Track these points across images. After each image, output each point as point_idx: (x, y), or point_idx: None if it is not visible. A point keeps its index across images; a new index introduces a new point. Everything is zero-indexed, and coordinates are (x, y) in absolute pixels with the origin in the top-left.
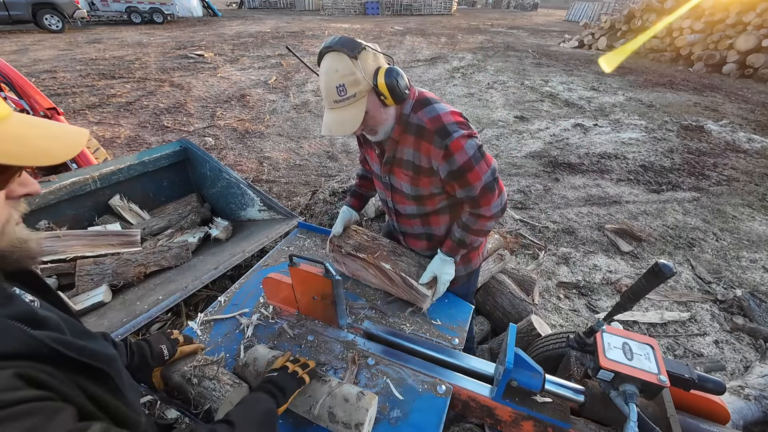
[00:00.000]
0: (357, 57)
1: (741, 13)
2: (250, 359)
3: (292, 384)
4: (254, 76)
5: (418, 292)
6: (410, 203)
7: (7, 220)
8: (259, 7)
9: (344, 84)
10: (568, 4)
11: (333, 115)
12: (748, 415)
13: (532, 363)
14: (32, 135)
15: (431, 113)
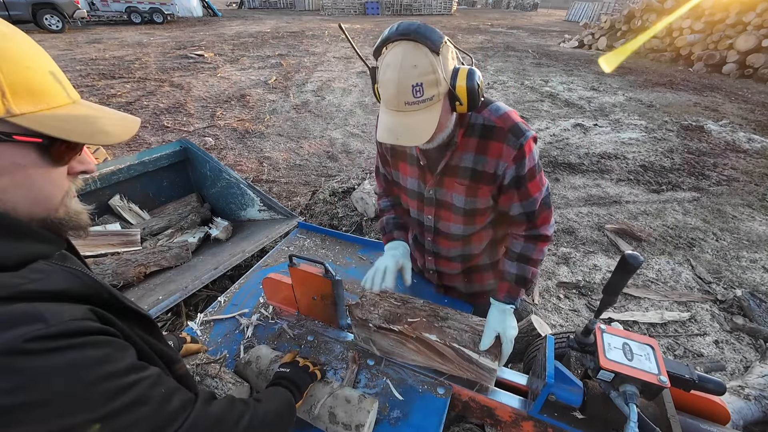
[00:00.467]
0: (439, 52)
1: (741, 13)
2: (253, 357)
3: (306, 378)
4: (254, 76)
5: (480, 367)
6: (458, 220)
7: (66, 192)
8: (259, 7)
9: (422, 83)
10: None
11: (401, 120)
12: (748, 415)
13: (572, 377)
14: (96, 117)
15: (498, 112)
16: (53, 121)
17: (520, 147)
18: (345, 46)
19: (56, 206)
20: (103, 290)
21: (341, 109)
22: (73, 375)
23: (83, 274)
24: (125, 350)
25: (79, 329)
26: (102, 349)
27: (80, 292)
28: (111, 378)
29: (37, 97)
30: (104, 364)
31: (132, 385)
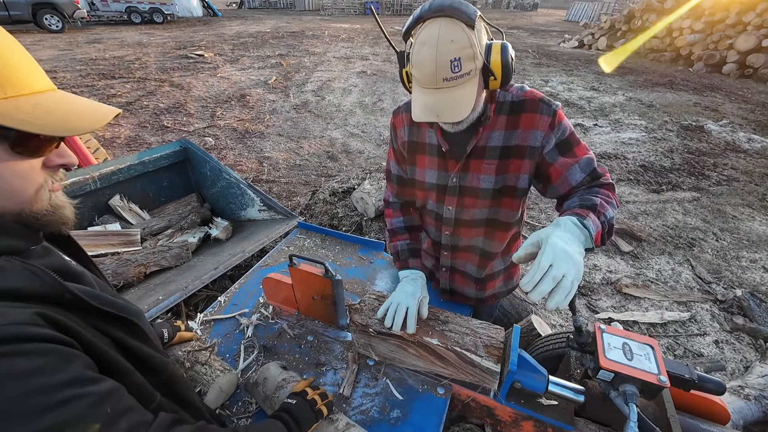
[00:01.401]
0: (474, 26)
1: (741, 13)
2: (260, 378)
3: (310, 416)
4: (254, 76)
5: (483, 369)
6: (482, 204)
7: (41, 186)
8: (259, 7)
9: (460, 58)
10: (568, 4)
11: (439, 97)
12: (748, 415)
13: (536, 365)
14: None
15: (524, 89)
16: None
17: (553, 114)
18: (345, 46)
19: (30, 200)
20: (65, 291)
21: (341, 109)
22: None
23: (44, 273)
24: (69, 361)
25: (14, 335)
26: (37, 360)
27: (35, 292)
28: (41, 392)
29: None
30: (35, 377)
31: (66, 402)
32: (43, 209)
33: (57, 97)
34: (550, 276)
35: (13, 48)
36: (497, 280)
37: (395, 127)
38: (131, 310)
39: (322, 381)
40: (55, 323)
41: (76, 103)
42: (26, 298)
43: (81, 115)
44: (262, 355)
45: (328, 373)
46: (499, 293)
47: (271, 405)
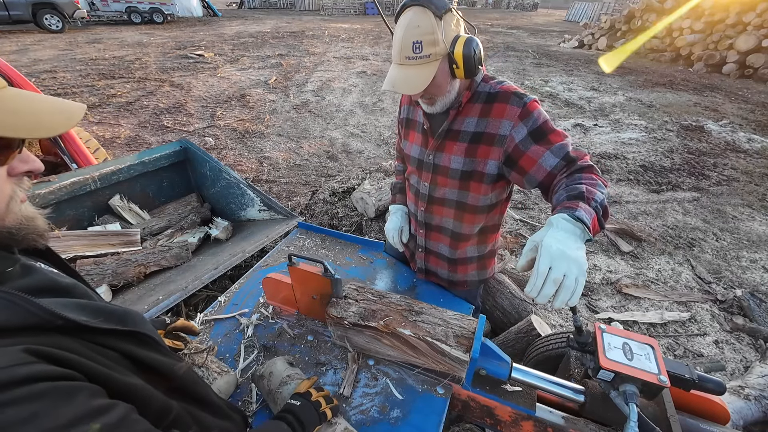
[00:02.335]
0: (442, 17)
1: (741, 13)
2: (266, 372)
3: (314, 419)
4: (254, 76)
5: (453, 359)
6: (452, 184)
7: (11, 197)
8: (259, 7)
9: (422, 41)
10: (568, 4)
11: (401, 72)
12: (748, 415)
13: (499, 352)
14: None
15: (502, 83)
16: None
17: (524, 105)
18: (345, 46)
19: (1, 215)
20: (55, 317)
21: (341, 109)
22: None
23: (26, 301)
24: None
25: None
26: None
27: (20, 324)
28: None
29: None
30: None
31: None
32: (17, 223)
33: (12, 94)
34: (551, 279)
35: None
36: (470, 266)
37: (400, 105)
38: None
39: (322, 381)
40: (49, 356)
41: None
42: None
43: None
44: (263, 355)
45: (328, 373)
46: (471, 281)
47: (273, 399)
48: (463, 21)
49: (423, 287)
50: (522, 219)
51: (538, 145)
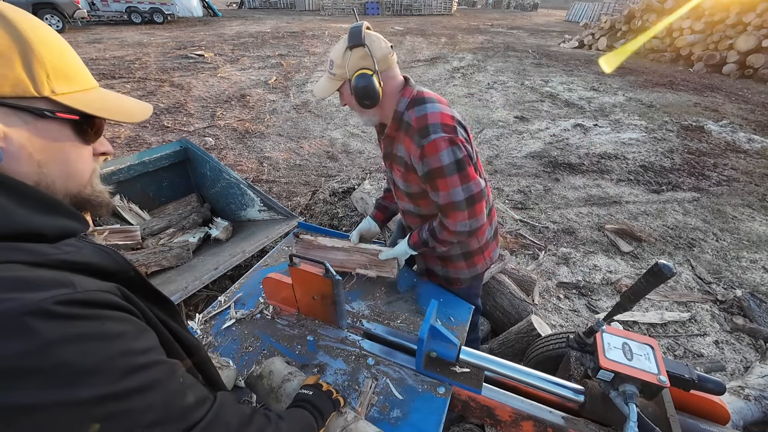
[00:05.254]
0: (351, 50)
1: (741, 14)
2: (265, 371)
3: (329, 405)
4: (254, 76)
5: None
6: (406, 200)
7: (94, 170)
8: (259, 7)
9: (333, 62)
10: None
11: (321, 78)
12: (748, 415)
13: (448, 335)
14: (115, 101)
15: (420, 112)
16: (86, 101)
17: (421, 147)
18: None
19: (85, 183)
20: (130, 268)
21: (341, 109)
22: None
23: (112, 251)
24: (145, 332)
25: (104, 301)
26: (122, 325)
27: (108, 267)
28: (126, 355)
29: (71, 80)
30: (122, 340)
31: (147, 367)
32: (95, 192)
33: (104, 92)
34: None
35: (71, 51)
36: (458, 264)
37: None
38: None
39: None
40: (128, 299)
41: (120, 97)
42: (101, 274)
43: (132, 106)
44: (262, 356)
45: (328, 373)
46: (463, 278)
47: (276, 397)
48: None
49: (423, 287)
50: (522, 219)
51: (428, 183)
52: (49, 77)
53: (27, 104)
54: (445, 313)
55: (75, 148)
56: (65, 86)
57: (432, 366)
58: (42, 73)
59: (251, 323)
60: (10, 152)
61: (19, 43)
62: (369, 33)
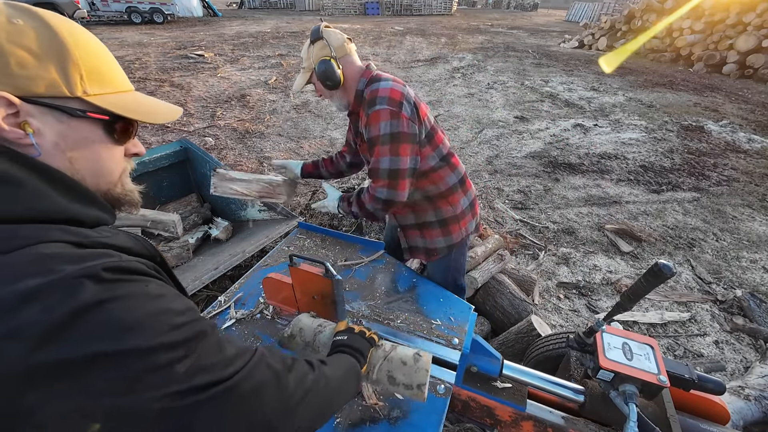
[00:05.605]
0: (312, 44)
1: (741, 14)
2: (295, 330)
3: (365, 344)
4: (254, 76)
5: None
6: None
7: (124, 169)
8: (259, 7)
9: (302, 58)
10: (568, 4)
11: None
12: (748, 415)
13: (491, 349)
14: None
15: (374, 87)
16: (117, 102)
17: (368, 115)
18: None
19: (115, 182)
20: (158, 254)
21: None
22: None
23: (142, 238)
24: (180, 296)
25: (144, 269)
26: (161, 288)
27: (140, 252)
28: (169, 312)
29: (104, 81)
30: (164, 300)
31: (189, 323)
32: (125, 191)
33: (138, 95)
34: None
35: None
36: (435, 231)
37: None
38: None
39: None
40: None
41: (151, 99)
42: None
43: (163, 108)
44: None
45: None
46: (439, 248)
47: (314, 350)
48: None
49: (423, 287)
50: (522, 219)
51: (369, 152)
52: (83, 79)
53: (60, 104)
54: (445, 313)
55: (106, 147)
56: (98, 88)
57: (472, 381)
58: (76, 75)
59: (251, 323)
60: (45, 148)
61: (56, 46)
62: (326, 29)
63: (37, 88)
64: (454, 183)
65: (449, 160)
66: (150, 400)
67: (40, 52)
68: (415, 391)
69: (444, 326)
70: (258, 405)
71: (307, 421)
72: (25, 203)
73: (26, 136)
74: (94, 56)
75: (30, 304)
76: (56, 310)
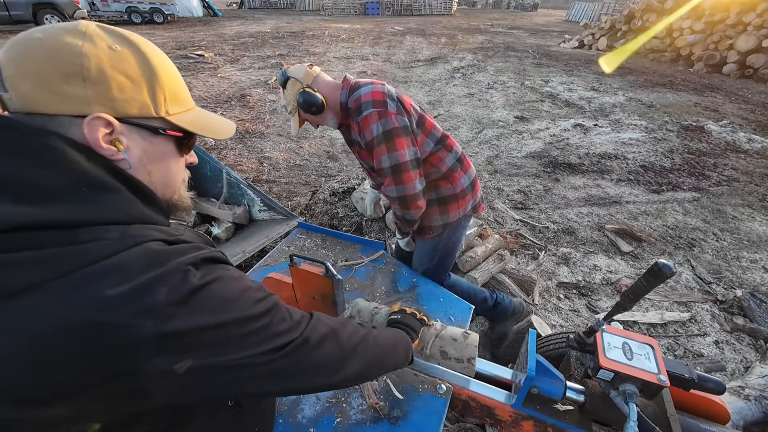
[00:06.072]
0: (284, 88)
1: (741, 14)
2: (354, 312)
3: (417, 323)
4: (254, 76)
5: None
6: (371, 172)
7: (185, 179)
8: (260, 7)
9: (285, 105)
10: (568, 4)
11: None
12: (748, 415)
13: (553, 370)
14: (207, 119)
15: (355, 96)
16: (189, 120)
17: (358, 123)
18: (345, 46)
19: (176, 190)
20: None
21: None
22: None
23: (203, 235)
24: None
25: (224, 258)
26: (237, 271)
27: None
28: (250, 289)
29: (179, 102)
30: (246, 280)
31: (265, 297)
32: (181, 198)
33: (200, 111)
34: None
35: (179, 75)
36: (433, 209)
37: None
38: None
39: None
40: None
41: (211, 115)
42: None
43: (222, 125)
44: None
45: None
46: (435, 225)
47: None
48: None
49: (423, 287)
50: (522, 219)
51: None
52: (165, 100)
53: (147, 123)
54: (445, 313)
55: (175, 159)
56: (175, 107)
57: (532, 403)
58: (161, 97)
59: None
60: (132, 162)
61: (148, 71)
62: (288, 69)
63: (131, 110)
64: (453, 163)
65: (445, 142)
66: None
67: (136, 77)
68: (465, 364)
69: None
70: (321, 352)
71: (358, 367)
72: (124, 208)
73: (119, 153)
74: (173, 79)
75: (158, 287)
76: (178, 290)
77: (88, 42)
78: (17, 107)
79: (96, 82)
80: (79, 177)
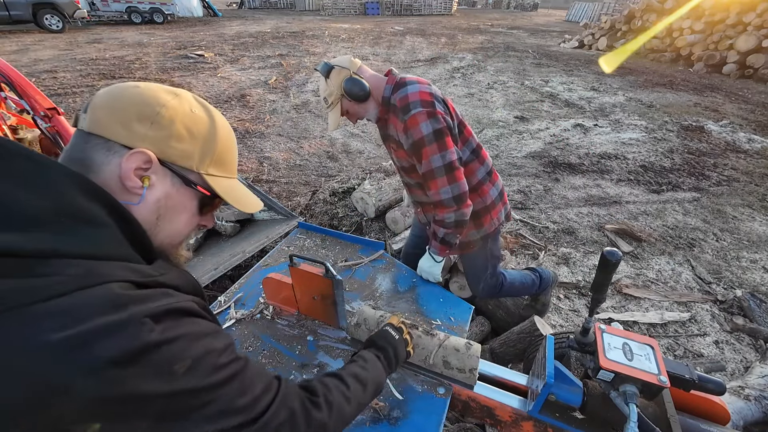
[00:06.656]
0: (328, 77)
1: (741, 14)
2: (360, 320)
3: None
4: (254, 76)
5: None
6: (403, 173)
7: (186, 237)
8: (260, 7)
9: (325, 96)
10: (568, 4)
11: (328, 117)
12: (749, 415)
13: (572, 377)
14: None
15: (402, 94)
16: (222, 185)
17: (404, 121)
18: (345, 46)
19: (177, 245)
20: (200, 289)
21: None
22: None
23: (189, 275)
24: (221, 332)
25: (195, 310)
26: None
27: (188, 290)
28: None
29: (222, 167)
30: (211, 340)
31: (231, 363)
32: (177, 254)
33: (236, 183)
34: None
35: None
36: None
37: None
38: None
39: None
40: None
41: (244, 188)
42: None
43: (251, 200)
44: (262, 356)
45: None
46: (473, 240)
47: None
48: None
49: (423, 288)
50: (522, 219)
51: (414, 155)
52: (211, 162)
53: (183, 172)
54: (445, 313)
55: (190, 215)
56: (215, 170)
57: (549, 410)
58: (208, 159)
59: (251, 323)
60: (147, 199)
61: (210, 137)
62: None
63: (175, 157)
64: (483, 176)
65: (479, 153)
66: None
67: (197, 134)
68: (467, 374)
69: (444, 326)
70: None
71: None
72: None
73: (141, 188)
74: (228, 148)
75: (104, 339)
76: (126, 345)
77: (175, 100)
78: (84, 126)
79: (162, 127)
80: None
